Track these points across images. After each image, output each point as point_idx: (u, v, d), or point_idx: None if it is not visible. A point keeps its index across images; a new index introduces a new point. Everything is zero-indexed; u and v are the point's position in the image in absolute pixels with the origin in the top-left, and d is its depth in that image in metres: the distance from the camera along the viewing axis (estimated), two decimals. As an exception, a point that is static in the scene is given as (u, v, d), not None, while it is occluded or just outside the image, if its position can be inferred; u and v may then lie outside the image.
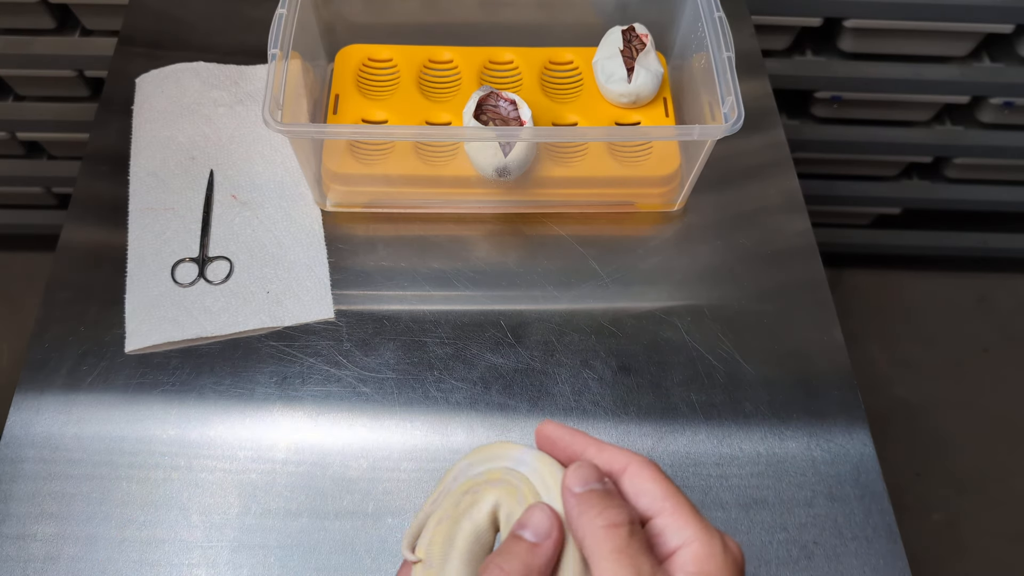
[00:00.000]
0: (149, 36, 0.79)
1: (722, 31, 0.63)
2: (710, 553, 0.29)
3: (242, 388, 0.61)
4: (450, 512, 0.32)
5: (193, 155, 0.71)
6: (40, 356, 0.61)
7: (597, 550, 0.29)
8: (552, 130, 0.68)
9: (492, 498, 0.32)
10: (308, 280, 0.65)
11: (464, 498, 0.33)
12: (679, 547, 0.30)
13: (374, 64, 0.73)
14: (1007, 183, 1.36)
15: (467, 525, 0.32)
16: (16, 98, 1.20)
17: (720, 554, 0.30)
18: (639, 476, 0.32)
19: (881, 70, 1.15)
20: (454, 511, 0.32)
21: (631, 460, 0.32)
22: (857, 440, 0.60)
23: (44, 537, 0.55)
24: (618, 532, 0.29)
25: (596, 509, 0.30)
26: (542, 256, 0.68)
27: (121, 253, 0.66)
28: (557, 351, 0.63)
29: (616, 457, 0.33)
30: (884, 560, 0.56)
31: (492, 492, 0.33)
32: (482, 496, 0.32)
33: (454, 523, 0.32)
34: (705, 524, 0.30)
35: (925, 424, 1.41)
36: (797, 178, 0.73)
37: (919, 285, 1.56)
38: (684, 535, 0.30)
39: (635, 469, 0.32)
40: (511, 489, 0.33)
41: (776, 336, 0.65)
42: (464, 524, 0.32)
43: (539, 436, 0.35)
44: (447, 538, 0.32)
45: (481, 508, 0.32)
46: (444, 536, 0.32)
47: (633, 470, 0.32)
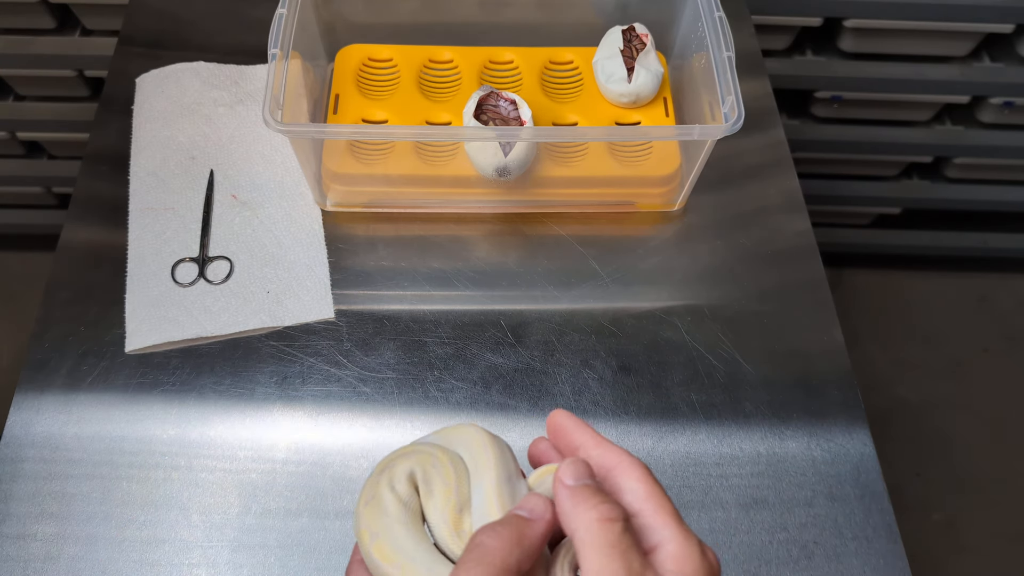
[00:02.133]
0: (149, 36, 0.79)
1: (722, 31, 0.63)
2: (688, 554, 0.30)
3: (242, 388, 0.61)
4: (372, 492, 0.33)
5: (193, 155, 0.71)
6: (40, 356, 0.61)
7: (589, 543, 0.29)
8: (552, 130, 0.68)
9: (406, 466, 0.34)
10: (308, 280, 0.65)
11: (381, 476, 0.34)
12: (657, 546, 0.30)
13: (374, 64, 0.73)
14: (1007, 183, 1.36)
15: (389, 496, 0.33)
16: (16, 98, 1.20)
17: (698, 556, 0.30)
18: (626, 474, 0.32)
19: (881, 70, 1.15)
20: (375, 490, 0.33)
21: (623, 459, 0.33)
22: (857, 440, 0.60)
23: (44, 537, 0.55)
24: (611, 527, 0.29)
25: (590, 503, 0.30)
26: (542, 256, 0.68)
27: (121, 253, 0.66)
28: (557, 351, 0.63)
29: (610, 454, 0.33)
30: (884, 560, 0.56)
31: (404, 462, 0.34)
32: (396, 468, 0.34)
33: (378, 500, 0.33)
34: (684, 527, 0.31)
35: (925, 424, 1.41)
36: (797, 178, 0.73)
37: (919, 285, 1.56)
38: (663, 535, 0.30)
39: (624, 468, 0.32)
40: (423, 456, 0.34)
41: (776, 336, 0.65)
42: (386, 496, 0.33)
43: (549, 423, 0.36)
44: (378, 512, 0.33)
45: (398, 478, 0.33)
46: (374, 512, 0.33)
47: (622, 468, 0.32)
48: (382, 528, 0.32)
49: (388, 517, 0.32)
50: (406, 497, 0.33)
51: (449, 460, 0.34)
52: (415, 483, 0.34)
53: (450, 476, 0.33)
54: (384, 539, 0.32)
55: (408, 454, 0.34)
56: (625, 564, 0.29)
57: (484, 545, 0.29)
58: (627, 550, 0.29)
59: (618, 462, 0.33)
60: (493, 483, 0.32)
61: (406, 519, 0.32)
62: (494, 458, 0.33)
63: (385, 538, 0.32)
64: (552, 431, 0.36)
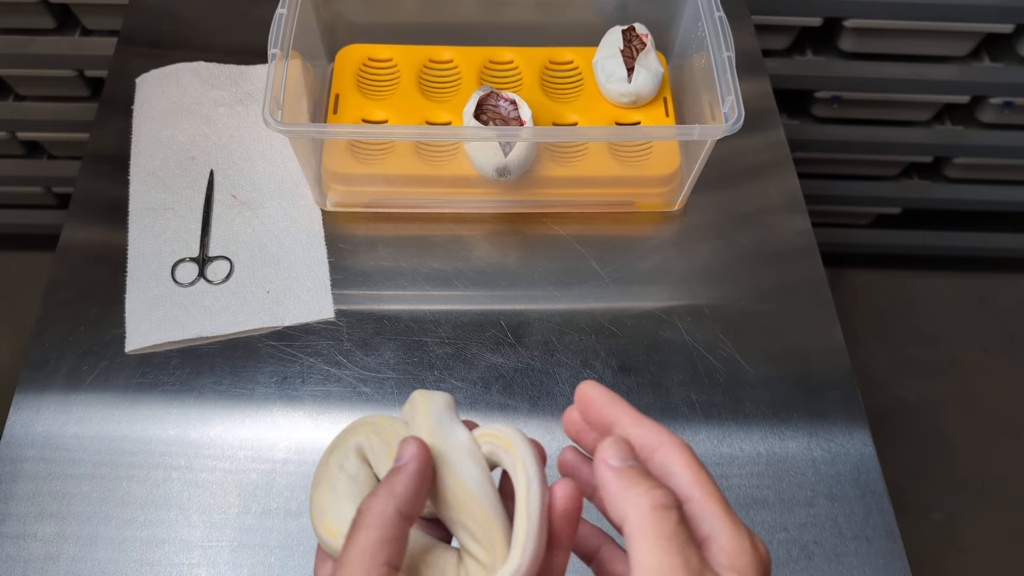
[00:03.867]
0: (149, 36, 0.79)
1: (722, 31, 0.63)
2: (741, 548, 0.28)
3: (242, 388, 0.61)
4: (321, 474, 0.33)
5: (193, 155, 0.71)
6: (40, 356, 0.61)
7: (643, 533, 0.27)
8: (552, 130, 0.68)
9: (352, 442, 0.33)
10: (308, 280, 0.65)
11: (330, 457, 0.33)
12: (707, 538, 0.28)
13: (374, 64, 0.73)
14: (1007, 183, 1.36)
15: (338, 473, 0.33)
16: (16, 98, 1.20)
17: (750, 550, 0.28)
18: (671, 457, 0.30)
19: (881, 70, 1.15)
20: (325, 469, 0.33)
21: (665, 439, 0.30)
22: (857, 440, 0.60)
23: (44, 537, 0.55)
24: (667, 515, 0.27)
25: (642, 487, 0.28)
26: (542, 256, 0.68)
27: (121, 253, 0.66)
28: (557, 351, 0.63)
29: (651, 432, 0.31)
30: (884, 560, 0.56)
31: (351, 438, 0.34)
32: (343, 445, 0.33)
33: (328, 480, 0.33)
34: (735, 518, 0.29)
35: (925, 424, 1.41)
36: (797, 178, 0.73)
37: (919, 285, 1.56)
38: (714, 525, 0.28)
39: (668, 449, 0.30)
40: (367, 427, 0.33)
41: (776, 336, 0.65)
42: (335, 473, 0.33)
43: (578, 395, 0.33)
44: (327, 492, 0.32)
45: (347, 454, 0.33)
46: (324, 493, 0.32)
47: (666, 450, 0.30)
48: (327, 505, 0.32)
49: (336, 494, 0.32)
50: (354, 471, 0.32)
51: (390, 425, 0.33)
52: (364, 456, 0.33)
53: (392, 441, 0.32)
54: (330, 516, 0.31)
55: (353, 429, 0.34)
56: (683, 559, 0.26)
57: (362, 509, 0.29)
58: (684, 544, 0.27)
59: (660, 443, 0.30)
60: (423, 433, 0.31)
61: (356, 493, 0.32)
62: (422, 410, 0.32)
63: (332, 515, 0.31)
64: (582, 404, 0.33)
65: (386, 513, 0.28)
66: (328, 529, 0.31)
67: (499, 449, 0.32)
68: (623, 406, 0.32)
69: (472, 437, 0.32)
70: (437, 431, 0.32)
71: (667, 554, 0.26)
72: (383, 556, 0.28)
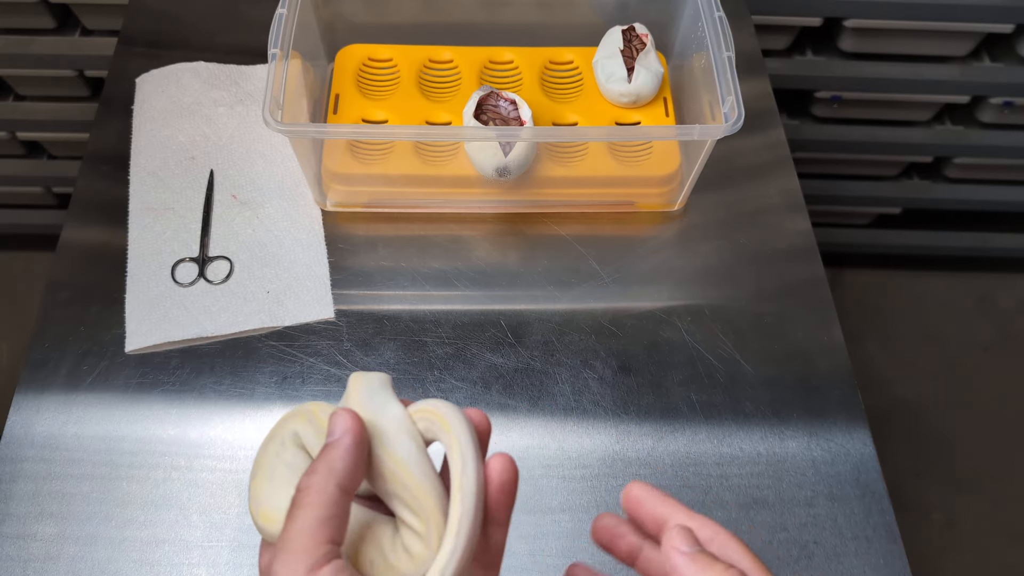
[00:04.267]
0: (149, 36, 0.79)
1: (722, 31, 0.63)
2: None
3: (242, 388, 0.61)
4: (260, 463, 0.33)
5: (193, 155, 0.71)
6: (40, 356, 0.61)
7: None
8: (552, 130, 0.68)
9: (289, 429, 0.33)
10: (308, 280, 0.65)
11: (267, 447, 0.33)
12: None
13: (374, 64, 0.73)
14: (1007, 183, 1.36)
15: (275, 462, 0.32)
16: (16, 98, 1.20)
17: None
18: (728, 545, 0.32)
19: (881, 70, 1.15)
20: (263, 459, 0.33)
21: (719, 530, 0.33)
22: (857, 440, 0.60)
23: (44, 537, 0.55)
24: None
25: (717, 568, 0.30)
26: (542, 256, 0.68)
27: (121, 253, 0.66)
28: (557, 351, 0.63)
29: (706, 525, 0.33)
30: (884, 560, 0.56)
31: (287, 427, 0.33)
32: (280, 434, 0.33)
33: (265, 470, 0.32)
34: None
35: (925, 424, 1.41)
36: (797, 178, 0.73)
37: (919, 285, 1.56)
38: None
39: (724, 539, 0.32)
40: (302, 416, 0.33)
41: (776, 336, 0.65)
42: (272, 463, 0.32)
43: (627, 496, 0.35)
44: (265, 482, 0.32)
45: (284, 444, 0.33)
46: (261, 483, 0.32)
47: (722, 539, 0.32)
48: (264, 494, 0.31)
49: (274, 482, 0.31)
50: (291, 459, 0.32)
51: (324, 411, 0.33)
52: (301, 444, 0.33)
53: (322, 423, 0.32)
54: (268, 504, 0.31)
55: (289, 418, 0.33)
56: None
57: (301, 487, 0.29)
58: None
59: (715, 533, 0.33)
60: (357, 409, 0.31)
61: (294, 480, 0.31)
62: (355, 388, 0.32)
63: (269, 503, 0.31)
64: (632, 503, 0.34)
65: (327, 489, 0.28)
66: (266, 517, 0.31)
67: (435, 427, 0.32)
68: (673, 502, 0.34)
69: (406, 412, 0.32)
70: (370, 406, 0.32)
71: None
72: (325, 534, 0.28)
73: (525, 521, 0.56)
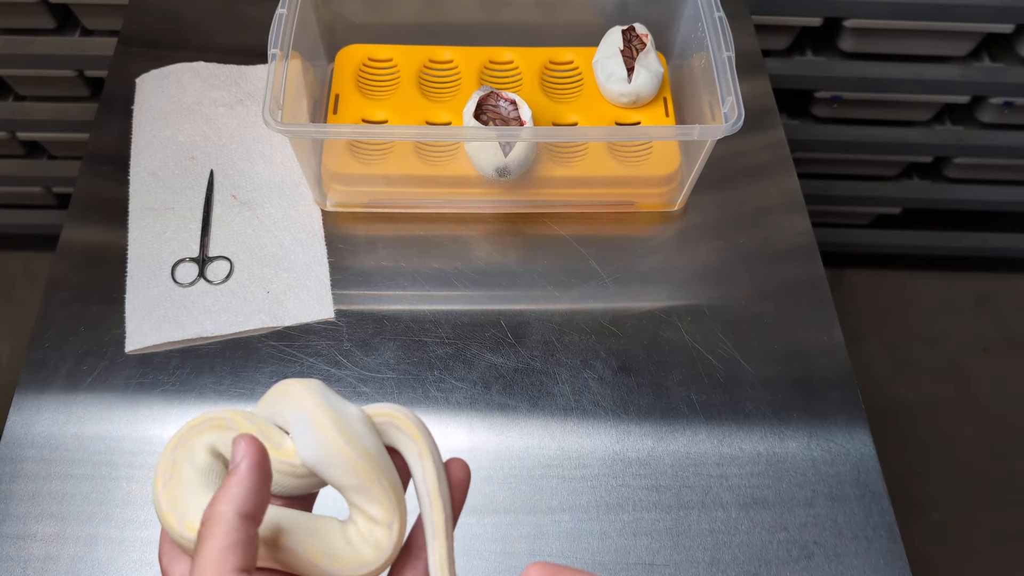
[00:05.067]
0: (149, 36, 0.79)
1: (722, 31, 0.63)
2: None
3: (242, 388, 0.61)
4: (168, 471, 0.32)
5: (193, 155, 0.71)
6: (40, 356, 0.61)
7: None
8: (552, 130, 0.68)
9: (205, 439, 0.32)
10: (308, 280, 0.65)
11: (178, 450, 0.32)
12: None
13: (374, 64, 0.73)
14: (1007, 183, 1.36)
15: (189, 470, 0.32)
16: (16, 98, 1.20)
17: None
18: None
19: (881, 70, 1.15)
20: (173, 466, 0.32)
21: None
22: (857, 440, 0.60)
23: (44, 537, 0.55)
24: None
25: None
26: (542, 256, 0.68)
27: (121, 253, 0.66)
28: (557, 351, 0.63)
29: None
30: (884, 560, 0.56)
31: (202, 435, 0.32)
32: (192, 442, 0.32)
33: (178, 478, 0.31)
34: None
35: (925, 424, 1.41)
36: (797, 178, 0.73)
37: (919, 285, 1.56)
38: None
39: None
40: (219, 423, 0.33)
41: (776, 336, 0.65)
42: (186, 470, 0.31)
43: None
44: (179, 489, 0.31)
45: (196, 449, 0.32)
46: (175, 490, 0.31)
47: None
48: (187, 503, 0.31)
49: (190, 490, 0.31)
50: (206, 466, 0.32)
51: (249, 420, 0.32)
52: (216, 452, 0.32)
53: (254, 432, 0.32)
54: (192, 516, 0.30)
55: (200, 426, 0.33)
56: None
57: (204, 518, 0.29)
58: None
59: None
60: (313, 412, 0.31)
61: (208, 485, 0.31)
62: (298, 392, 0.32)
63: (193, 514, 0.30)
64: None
65: (226, 518, 0.28)
66: (192, 528, 0.30)
67: (396, 431, 0.32)
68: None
69: (362, 410, 0.32)
70: (326, 405, 0.31)
71: None
72: (230, 562, 0.28)
73: (525, 521, 0.56)
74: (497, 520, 0.56)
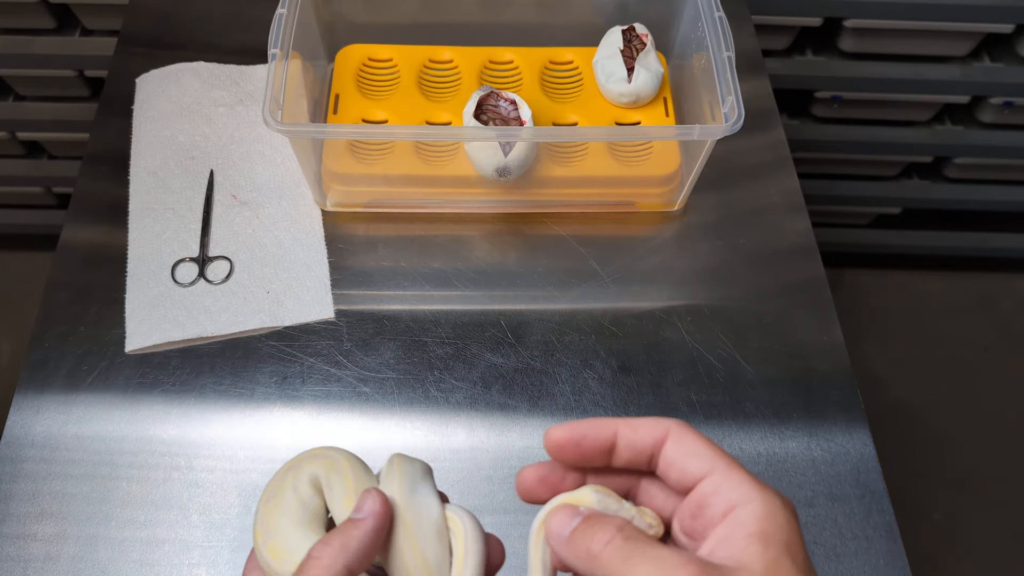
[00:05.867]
0: (149, 36, 0.79)
1: (722, 31, 0.63)
2: (770, 511, 0.29)
3: (242, 388, 0.61)
4: (274, 490, 0.33)
5: (193, 155, 0.71)
6: (40, 356, 0.61)
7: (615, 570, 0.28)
8: (552, 130, 0.68)
9: (311, 469, 0.33)
10: (308, 280, 0.65)
11: (286, 475, 0.33)
12: (736, 504, 0.29)
13: (374, 64, 0.73)
14: (1007, 183, 1.36)
15: (291, 496, 0.33)
16: (16, 98, 1.20)
17: (780, 511, 0.29)
18: (684, 439, 0.31)
19: (881, 70, 1.15)
20: (279, 487, 0.33)
21: (669, 426, 0.31)
22: (857, 440, 0.60)
23: (44, 537, 0.55)
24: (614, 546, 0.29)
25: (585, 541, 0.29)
26: (542, 256, 0.68)
27: (121, 253, 0.66)
28: (557, 351, 0.63)
29: (653, 429, 0.31)
30: (884, 560, 0.56)
31: (310, 464, 0.34)
32: (301, 469, 0.33)
33: (279, 499, 0.33)
34: (758, 483, 0.30)
35: (925, 424, 1.41)
36: (797, 178, 0.73)
37: (919, 285, 1.56)
38: (741, 492, 0.29)
39: (677, 433, 0.31)
40: (328, 461, 0.34)
41: (776, 336, 0.65)
42: (288, 495, 0.33)
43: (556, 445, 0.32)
44: (276, 511, 0.32)
45: (301, 478, 0.33)
46: (272, 511, 0.32)
47: (675, 435, 0.31)
48: (277, 528, 0.32)
49: (286, 518, 0.32)
50: (306, 498, 0.33)
51: (354, 469, 0.33)
52: (319, 487, 0.33)
53: (352, 486, 0.33)
54: (277, 539, 0.32)
55: (316, 456, 0.34)
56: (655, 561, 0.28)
57: (313, 555, 0.29)
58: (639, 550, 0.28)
59: (666, 430, 0.31)
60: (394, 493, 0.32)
61: (303, 520, 0.32)
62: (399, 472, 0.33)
63: (278, 538, 0.32)
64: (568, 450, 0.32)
65: (334, 567, 0.29)
66: (274, 552, 0.31)
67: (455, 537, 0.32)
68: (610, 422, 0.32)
69: (443, 515, 0.32)
70: (411, 499, 0.32)
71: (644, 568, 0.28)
72: None
73: (525, 521, 0.56)
74: (497, 520, 0.56)
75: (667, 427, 0.31)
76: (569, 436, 0.32)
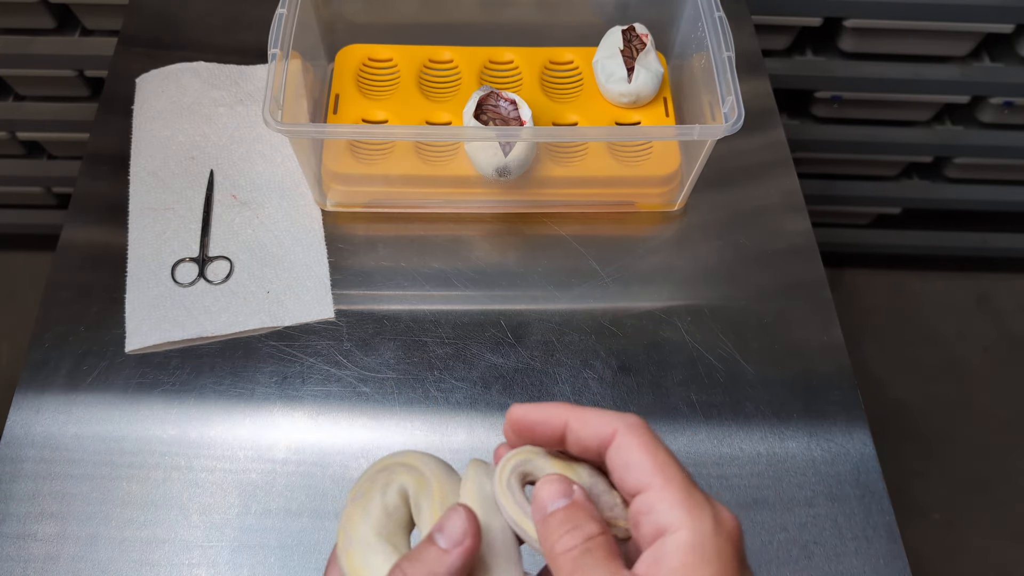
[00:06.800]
0: (149, 36, 0.79)
1: (722, 31, 0.63)
2: (696, 543, 0.27)
3: (242, 388, 0.61)
4: (365, 489, 0.33)
5: (193, 155, 0.71)
6: (40, 356, 0.61)
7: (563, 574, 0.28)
8: (552, 130, 0.68)
9: (402, 480, 0.33)
10: (308, 280, 0.65)
11: (379, 476, 0.33)
12: (665, 530, 0.28)
13: (374, 64, 0.73)
14: (1007, 183, 1.36)
15: (378, 500, 0.32)
16: (16, 98, 1.20)
17: (710, 540, 0.27)
18: (626, 447, 0.29)
19: (881, 70, 1.15)
20: (369, 487, 0.33)
21: (616, 428, 0.30)
22: (857, 440, 0.60)
23: (44, 537, 0.55)
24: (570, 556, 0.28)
25: (556, 534, 0.29)
26: (542, 256, 0.68)
27: (121, 253, 0.66)
28: (557, 351, 0.63)
29: (601, 426, 0.30)
30: (884, 560, 0.56)
31: (403, 475, 0.33)
32: (394, 477, 0.33)
33: (366, 500, 0.33)
34: (692, 504, 0.28)
35: (925, 424, 1.41)
36: (797, 178, 0.73)
37: (919, 285, 1.56)
38: (671, 517, 0.28)
39: (621, 439, 0.30)
40: (421, 480, 0.33)
41: (776, 336, 0.65)
42: (375, 499, 0.32)
43: (514, 424, 0.32)
44: (362, 514, 0.32)
45: (392, 487, 0.33)
46: (358, 512, 0.32)
47: (619, 441, 0.30)
48: (358, 535, 0.32)
49: (368, 525, 0.32)
50: (392, 508, 0.32)
51: (441, 484, 0.33)
52: (407, 499, 0.33)
53: (438, 498, 0.32)
54: (356, 550, 0.31)
55: (410, 469, 0.34)
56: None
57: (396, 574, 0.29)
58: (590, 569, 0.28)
59: (614, 431, 0.30)
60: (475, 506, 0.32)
61: (387, 530, 0.32)
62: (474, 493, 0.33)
63: (358, 550, 0.31)
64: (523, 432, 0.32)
65: None
66: (351, 562, 0.31)
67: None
68: (562, 409, 0.31)
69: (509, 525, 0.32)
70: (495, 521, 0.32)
71: None
72: None
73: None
74: (497, 520, 0.56)
75: (614, 429, 0.30)
76: (522, 421, 0.32)
